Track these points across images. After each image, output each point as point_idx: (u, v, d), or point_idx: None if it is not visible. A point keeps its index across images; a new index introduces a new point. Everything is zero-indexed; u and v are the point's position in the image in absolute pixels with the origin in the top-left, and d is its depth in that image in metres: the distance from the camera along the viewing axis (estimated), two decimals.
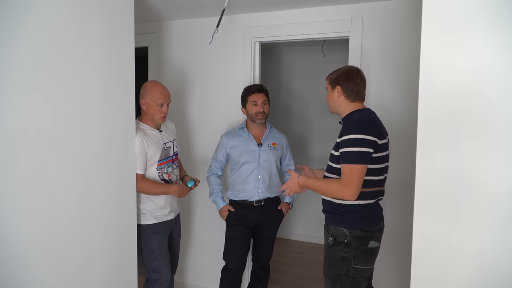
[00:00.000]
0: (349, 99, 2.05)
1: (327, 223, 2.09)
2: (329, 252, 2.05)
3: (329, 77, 2.13)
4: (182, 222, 3.20)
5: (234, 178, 2.81)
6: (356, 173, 1.85)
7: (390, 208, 2.63)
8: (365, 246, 1.96)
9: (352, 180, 1.85)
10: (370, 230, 1.98)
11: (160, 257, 2.51)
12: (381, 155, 1.95)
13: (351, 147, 1.87)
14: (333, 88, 2.09)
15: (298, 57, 4.74)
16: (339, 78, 2.05)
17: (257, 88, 2.76)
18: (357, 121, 1.93)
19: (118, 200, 2.19)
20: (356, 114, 2.01)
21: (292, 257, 4.38)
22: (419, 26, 2.42)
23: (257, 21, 3.01)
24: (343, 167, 1.89)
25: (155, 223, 2.50)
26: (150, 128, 2.51)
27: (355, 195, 1.86)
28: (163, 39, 3.34)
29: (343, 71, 2.07)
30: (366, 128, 1.88)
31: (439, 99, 1.39)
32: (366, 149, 1.86)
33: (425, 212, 1.43)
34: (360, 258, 1.97)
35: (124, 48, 2.19)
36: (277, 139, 2.84)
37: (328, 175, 2.06)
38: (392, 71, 2.66)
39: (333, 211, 2.04)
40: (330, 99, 2.12)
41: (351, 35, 2.73)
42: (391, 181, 2.46)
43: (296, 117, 4.85)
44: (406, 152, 2.59)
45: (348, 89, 2.03)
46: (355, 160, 1.85)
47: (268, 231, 2.85)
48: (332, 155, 2.03)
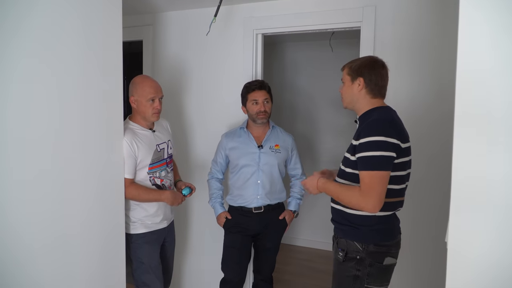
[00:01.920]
0: (371, 94, 1.78)
1: (337, 235, 1.85)
2: (338, 269, 1.81)
3: (349, 66, 1.84)
4: (178, 229, 2.98)
5: (233, 183, 2.60)
6: (378, 181, 1.60)
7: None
8: (380, 263, 1.72)
9: (374, 189, 1.60)
10: (386, 245, 1.73)
11: (151, 270, 2.29)
12: (403, 161, 1.70)
13: (372, 151, 1.62)
14: (353, 80, 1.81)
15: (304, 53, 4.51)
16: (362, 69, 1.77)
17: (258, 85, 2.52)
18: (377, 121, 1.67)
19: (103, 208, 1.98)
20: (375, 112, 1.75)
21: (297, 265, 4.15)
22: (443, 14, 2.18)
23: (259, 12, 2.78)
24: (363, 175, 1.64)
25: (145, 232, 2.28)
26: (141, 127, 2.28)
27: (378, 207, 1.61)
28: (159, 32, 3.12)
29: (366, 60, 1.80)
30: (388, 130, 1.63)
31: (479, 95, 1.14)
32: (388, 153, 1.61)
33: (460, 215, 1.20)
34: (374, 277, 1.73)
35: (109, 41, 1.98)
36: (281, 140, 2.60)
37: (340, 180, 1.81)
38: (410, 66, 2.41)
39: (344, 221, 1.79)
40: (348, 92, 1.84)
41: (362, 25, 2.48)
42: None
43: (302, 116, 4.61)
44: (422, 151, 2.35)
45: (371, 82, 1.76)
46: (377, 166, 1.60)
47: (269, 242, 2.61)
48: (346, 159, 1.78)
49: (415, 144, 2.30)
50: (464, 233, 1.20)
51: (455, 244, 1.22)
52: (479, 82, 1.14)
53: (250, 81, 2.65)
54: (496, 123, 1.13)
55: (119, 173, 2.10)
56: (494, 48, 1.12)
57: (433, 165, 2.37)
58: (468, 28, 1.15)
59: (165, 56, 3.13)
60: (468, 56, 1.15)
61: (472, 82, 1.15)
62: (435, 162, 2.37)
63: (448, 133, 1.59)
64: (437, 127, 2.36)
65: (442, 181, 2.33)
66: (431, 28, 2.35)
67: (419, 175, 2.35)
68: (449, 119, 1.53)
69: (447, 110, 2.28)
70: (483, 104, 1.14)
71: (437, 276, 2.40)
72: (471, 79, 1.15)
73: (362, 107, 1.81)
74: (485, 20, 1.13)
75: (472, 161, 1.17)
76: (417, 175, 2.33)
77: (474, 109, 1.15)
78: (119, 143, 2.10)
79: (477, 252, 1.18)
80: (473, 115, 1.15)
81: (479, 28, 1.14)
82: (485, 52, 1.13)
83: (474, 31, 1.14)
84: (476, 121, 1.15)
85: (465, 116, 1.17)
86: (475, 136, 1.16)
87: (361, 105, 1.81)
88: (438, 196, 2.37)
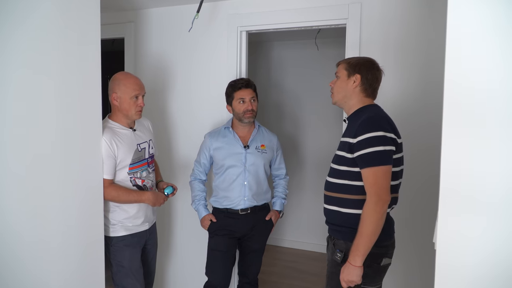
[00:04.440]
0: (364, 93, 1.78)
1: (333, 236, 1.82)
2: (335, 270, 1.76)
3: (347, 61, 1.83)
4: (161, 231, 2.91)
5: (218, 184, 2.52)
6: (382, 176, 1.59)
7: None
8: (378, 264, 1.70)
9: (380, 185, 1.59)
10: (384, 245, 1.72)
11: (131, 274, 2.21)
12: (397, 157, 1.71)
13: (372, 146, 1.60)
14: (349, 75, 1.79)
15: (290, 52, 4.46)
16: (361, 66, 1.77)
17: (244, 83, 2.46)
18: (374, 117, 1.68)
19: (81, 210, 1.90)
20: (366, 110, 1.75)
21: (283, 266, 4.09)
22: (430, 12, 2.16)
23: (243, 8, 2.72)
24: (366, 173, 1.62)
25: (125, 235, 2.20)
26: (121, 126, 2.20)
27: (388, 200, 1.61)
28: (141, 29, 3.04)
29: (365, 60, 1.81)
30: (386, 125, 1.64)
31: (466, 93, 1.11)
32: (389, 147, 1.62)
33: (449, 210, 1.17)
34: (370, 277, 1.71)
35: (86, 38, 1.90)
36: (266, 140, 2.55)
37: (333, 180, 1.78)
38: (397, 64, 2.38)
39: (342, 223, 1.76)
40: (341, 87, 1.82)
41: (348, 22, 2.45)
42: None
43: (287, 116, 4.57)
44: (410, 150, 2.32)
45: (367, 81, 1.77)
46: (379, 161, 1.59)
47: (256, 244, 2.54)
48: (340, 157, 1.75)
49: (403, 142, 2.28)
50: (452, 233, 1.17)
51: (443, 244, 1.19)
52: (467, 80, 1.11)
53: (235, 79, 2.58)
54: (484, 122, 1.10)
55: (97, 173, 2.02)
56: (482, 45, 1.10)
57: (421, 164, 2.35)
58: (456, 26, 1.13)
59: (148, 53, 3.05)
60: (456, 55, 1.13)
61: (460, 81, 1.12)
62: (423, 161, 2.35)
63: (436, 132, 1.56)
64: (424, 126, 2.34)
65: (430, 181, 2.31)
66: (418, 26, 2.32)
67: (407, 173, 2.32)
68: (437, 118, 1.50)
69: (435, 109, 2.27)
70: (471, 103, 1.11)
71: (427, 276, 2.38)
72: (459, 78, 1.12)
73: (353, 104, 1.79)
74: (473, 18, 1.10)
75: (460, 160, 1.14)
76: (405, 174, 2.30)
77: (461, 108, 1.13)
78: (97, 142, 2.02)
79: (465, 252, 1.15)
80: (461, 114, 1.13)
81: (467, 26, 1.11)
82: (473, 50, 1.10)
83: (462, 29, 1.12)
84: (464, 120, 1.13)
85: (453, 115, 1.14)
86: (463, 135, 1.13)
87: (353, 102, 1.80)
88: (427, 195, 2.34)
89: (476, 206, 1.13)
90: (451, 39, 1.13)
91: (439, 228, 1.19)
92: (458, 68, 1.12)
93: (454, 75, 1.13)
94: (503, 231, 1.10)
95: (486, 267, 1.13)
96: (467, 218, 1.14)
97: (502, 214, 1.10)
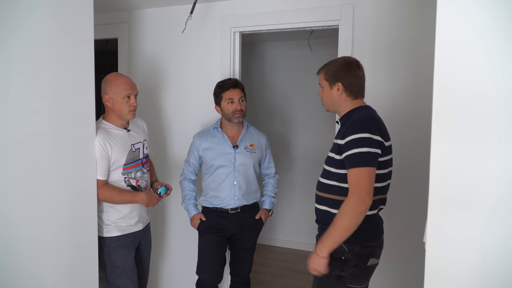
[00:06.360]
0: (351, 96, 1.79)
1: (321, 235, 1.82)
2: None
3: (324, 71, 1.83)
4: (154, 231, 2.91)
5: (208, 184, 2.53)
6: (365, 177, 1.59)
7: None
8: (364, 264, 1.72)
9: (362, 185, 1.59)
10: (371, 246, 1.73)
11: (125, 274, 2.22)
12: (385, 159, 1.71)
13: (358, 147, 1.61)
14: (331, 85, 1.80)
15: (283, 53, 4.47)
16: (339, 73, 1.77)
17: (233, 83, 2.47)
18: (361, 119, 1.68)
19: (75, 210, 1.90)
20: (356, 112, 1.76)
21: (276, 266, 4.11)
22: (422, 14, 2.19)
23: (237, 9, 2.73)
24: (350, 173, 1.63)
25: (119, 236, 2.20)
26: (115, 127, 2.21)
27: (368, 201, 1.59)
28: (134, 30, 3.04)
29: (341, 63, 1.79)
30: (372, 127, 1.64)
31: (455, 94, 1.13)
32: (374, 149, 1.62)
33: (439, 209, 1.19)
34: (357, 277, 1.72)
35: (79, 38, 1.90)
36: (255, 139, 2.56)
37: (325, 181, 1.79)
38: (389, 65, 2.40)
39: (330, 222, 1.76)
40: (328, 97, 1.83)
41: (340, 24, 2.47)
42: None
43: (279, 116, 4.58)
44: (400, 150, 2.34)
45: (350, 85, 1.77)
46: (363, 162, 1.60)
47: (246, 243, 2.56)
48: (331, 158, 1.76)
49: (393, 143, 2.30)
50: (442, 233, 1.19)
51: (432, 244, 1.21)
52: (455, 82, 1.13)
53: (222, 79, 2.58)
54: (474, 122, 1.12)
55: (91, 174, 2.02)
56: (471, 48, 1.12)
57: (412, 164, 2.37)
58: (446, 26, 1.15)
59: (141, 54, 3.05)
60: (446, 54, 1.15)
61: (447, 83, 1.14)
62: (413, 161, 2.37)
63: (426, 132, 1.58)
64: (416, 126, 2.36)
65: (420, 181, 2.33)
66: (409, 27, 2.35)
67: (397, 174, 2.34)
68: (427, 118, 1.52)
69: (426, 109, 2.29)
70: (460, 104, 1.13)
71: (416, 276, 2.40)
72: (447, 80, 1.14)
73: (344, 108, 1.81)
74: (463, 17, 1.12)
75: (449, 160, 1.16)
76: (395, 174, 2.33)
77: (451, 108, 1.15)
78: (91, 143, 2.02)
79: (454, 251, 1.17)
80: (451, 114, 1.15)
81: (457, 25, 1.13)
82: (464, 49, 1.12)
83: (451, 29, 1.14)
84: (454, 120, 1.15)
85: (443, 115, 1.16)
86: (452, 135, 1.15)
87: (343, 107, 1.81)
88: (417, 196, 2.36)
89: (465, 206, 1.15)
90: (440, 43, 1.15)
91: (428, 229, 1.21)
92: (447, 70, 1.14)
93: (443, 77, 1.15)
94: (492, 231, 1.13)
95: (475, 267, 1.15)
96: (456, 219, 1.16)
97: (491, 214, 1.12)
